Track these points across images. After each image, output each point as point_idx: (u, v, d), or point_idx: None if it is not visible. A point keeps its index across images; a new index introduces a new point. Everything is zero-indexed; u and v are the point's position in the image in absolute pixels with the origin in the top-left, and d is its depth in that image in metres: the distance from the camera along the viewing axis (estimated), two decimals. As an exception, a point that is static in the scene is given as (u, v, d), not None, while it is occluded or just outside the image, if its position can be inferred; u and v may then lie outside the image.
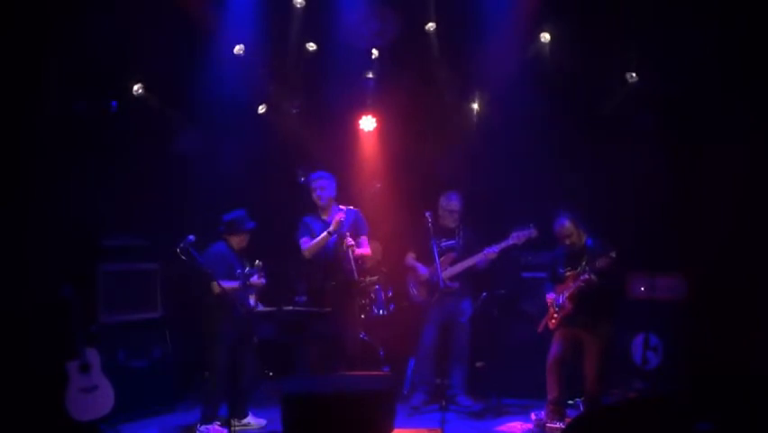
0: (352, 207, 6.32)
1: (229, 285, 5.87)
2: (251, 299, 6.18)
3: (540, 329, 6.04)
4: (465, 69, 7.46)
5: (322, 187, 6.27)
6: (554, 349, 5.92)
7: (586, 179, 7.04)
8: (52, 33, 6.07)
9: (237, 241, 6.20)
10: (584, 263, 5.77)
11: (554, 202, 6.26)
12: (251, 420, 6.29)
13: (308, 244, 6.18)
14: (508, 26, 7.01)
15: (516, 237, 6.41)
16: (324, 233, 6.10)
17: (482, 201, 7.19)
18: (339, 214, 6.08)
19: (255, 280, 6.07)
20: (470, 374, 6.85)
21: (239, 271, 6.02)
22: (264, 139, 7.68)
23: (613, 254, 5.59)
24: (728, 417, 3.89)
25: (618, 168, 6.92)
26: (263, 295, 6.43)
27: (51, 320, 5.87)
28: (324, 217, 6.30)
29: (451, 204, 6.78)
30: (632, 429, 3.42)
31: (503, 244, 6.47)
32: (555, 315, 5.90)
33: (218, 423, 6.01)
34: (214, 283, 5.76)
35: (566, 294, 5.83)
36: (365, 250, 6.35)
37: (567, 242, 5.88)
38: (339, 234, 6.11)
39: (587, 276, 5.68)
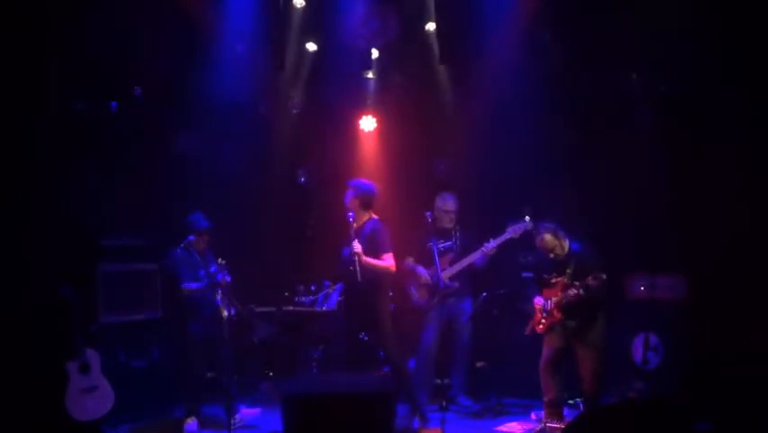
0: (374, 217, 6.03)
1: (193, 286, 6.01)
2: (231, 308, 6.18)
3: (527, 333, 6.01)
4: (465, 68, 7.45)
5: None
6: (545, 353, 5.89)
7: (586, 178, 7.04)
8: (52, 33, 6.07)
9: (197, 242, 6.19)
10: (570, 271, 5.73)
11: (554, 202, 6.25)
12: (244, 415, 6.35)
13: None
14: (508, 26, 7.01)
15: (512, 231, 6.41)
16: None
17: (482, 201, 7.19)
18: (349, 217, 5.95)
19: (220, 278, 5.99)
20: (470, 374, 6.85)
21: (202, 272, 6.03)
22: (264, 139, 7.68)
23: (604, 276, 5.60)
24: (728, 417, 3.89)
25: (618, 168, 6.91)
26: (262, 295, 6.42)
27: (51, 320, 5.88)
28: (354, 226, 5.96)
29: (446, 204, 6.76)
30: (632, 429, 3.42)
31: (500, 239, 6.46)
32: (543, 320, 5.88)
33: (194, 418, 6.08)
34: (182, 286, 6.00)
35: (553, 301, 5.81)
36: (380, 261, 5.90)
37: (551, 255, 5.83)
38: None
39: (575, 291, 5.66)
